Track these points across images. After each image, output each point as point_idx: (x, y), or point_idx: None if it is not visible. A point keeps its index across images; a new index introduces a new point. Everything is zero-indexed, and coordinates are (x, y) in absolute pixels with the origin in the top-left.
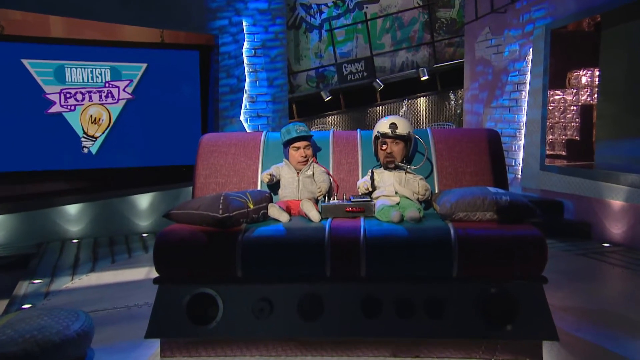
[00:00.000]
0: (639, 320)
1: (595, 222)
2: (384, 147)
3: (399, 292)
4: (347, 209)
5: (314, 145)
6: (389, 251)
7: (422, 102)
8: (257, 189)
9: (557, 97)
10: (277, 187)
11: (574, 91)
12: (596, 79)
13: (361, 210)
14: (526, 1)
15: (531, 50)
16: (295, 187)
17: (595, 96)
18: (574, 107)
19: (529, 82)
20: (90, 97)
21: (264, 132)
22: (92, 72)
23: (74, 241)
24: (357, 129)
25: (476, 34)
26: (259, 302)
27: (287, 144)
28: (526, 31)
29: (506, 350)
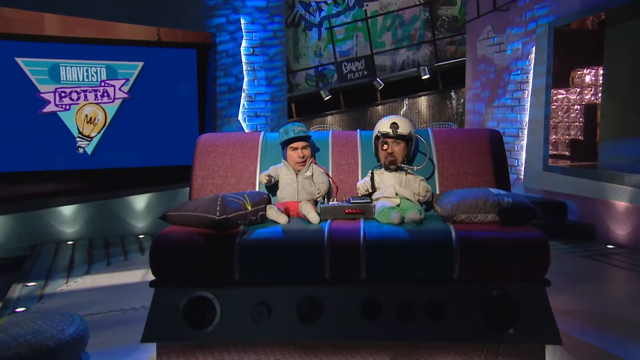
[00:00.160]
0: None
1: (599, 223)
2: (385, 147)
3: (399, 295)
4: (347, 211)
5: (312, 145)
6: (389, 253)
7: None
8: (255, 190)
9: (560, 96)
10: (276, 188)
11: (578, 90)
12: (600, 78)
13: (361, 211)
14: None
15: (534, 48)
16: (293, 188)
17: (599, 95)
18: (578, 107)
19: (531, 81)
20: (85, 96)
21: (262, 133)
22: (87, 70)
23: (69, 243)
24: (357, 129)
25: (478, 32)
26: (257, 306)
27: (285, 145)
28: (529, 29)
29: (508, 354)
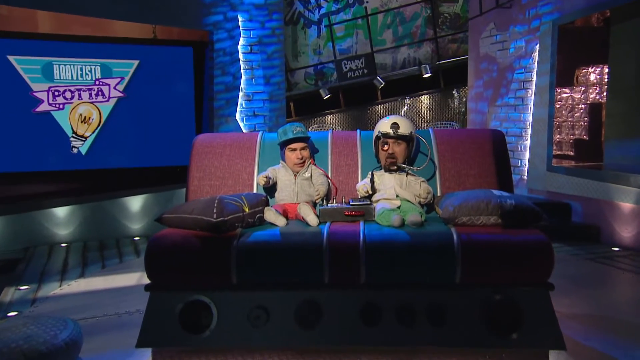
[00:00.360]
0: None
1: (604, 225)
2: (386, 147)
3: (399, 299)
4: (346, 213)
5: (311, 146)
6: (390, 256)
7: (425, 100)
8: (253, 192)
9: (564, 95)
10: (274, 190)
11: (582, 89)
12: (605, 77)
13: (361, 214)
14: None
15: (538, 46)
16: (292, 190)
17: (604, 94)
18: (582, 106)
19: (535, 79)
20: (79, 95)
21: (260, 133)
22: (81, 69)
23: (63, 245)
24: (357, 129)
25: (481, 30)
26: (255, 310)
27: (284, 145)
28: (532, 27)
29: (511, 359)
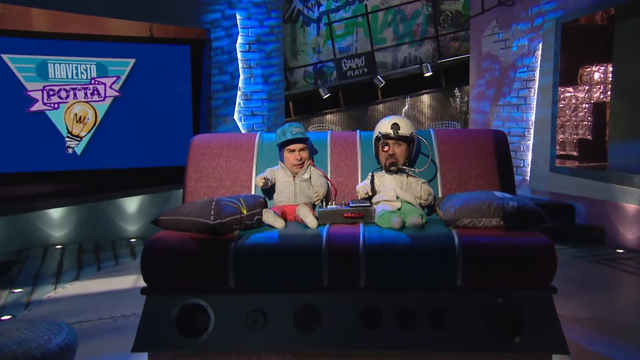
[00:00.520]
0: None
1: (608, 226)
2: (386, 148)
3: (400, 302)
4: (346, 215)
5: (310, 147)
6: (390, 259)
7: (426, 99)
8: (251, 194)
9: (568, 94)
10: (272, 191)
11: (586, 88)
12: (609, 75)
13: (360, 215)
14: None
15: (541, 45)
16: (291, 191)
17: (608, 93)
18: (586, 105)
19: (538, 78)
20: (74, 94)
21: (259, 133)
22: (76, 68)
23: (58, 247)
24: (357, 130)
25: (482, 28)
26: (253, 313)
27: (282, 146)
28: (535, 25)
29: None
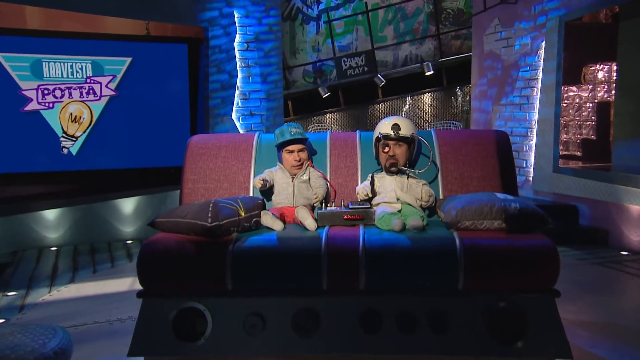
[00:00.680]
0: None
1: (612, 228)
2: (386, 149)
3: (400, 306)
4: (345, 217)
5: (309, 148)
6: (390, 262)
7: (427, 98)
8: (249, 195)
9: (571, 93)
10: (271, 193)
11: (590, 87)
12: (614, 74)
13: (360, 217)
14: None
15: (544, 43)
16: (289, 192)
17: (612, 92)
18: (590, 105)
19: (541, 77)
20: (70, 93)
21: (257, 134)
22: (72, 66)
23: (52, 249)
24: (357, 130)
25: (485, 26)
26: (251, 317)
27: (281, 147)
28: (538, 23)
29: None
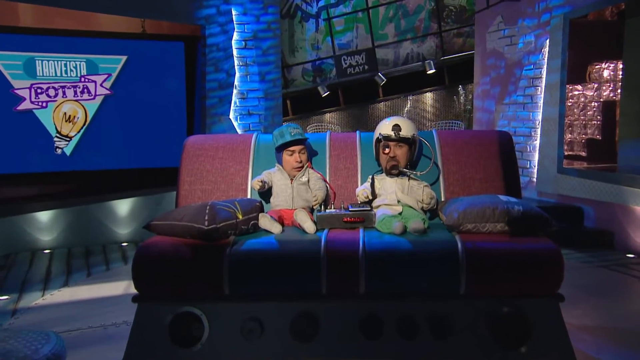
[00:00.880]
0: None
1: (618, 230)
2: (387, 150)
3: (401, 310)
4: (345, 219)
5: (309, 148)
6: (391, 266)
7: (429, 97)
8: (247, 198)
9: (576, 92)
10: (269, 195)
11: (595, 86)
12: (619, 73)
13: (360, 220)
14: None
15: (548, 41)
16: (288, 194)
17: (618, 91)
18: (595, 104)
19: (545, 76)
20: (64, 92)
21: (255, 134)
22: (65, 65)
23: (46, 252)
24: (357, 131)
25: (487, 24)
26: (249, 322)
27: (281, 148)
28: (542, 21)
29: None
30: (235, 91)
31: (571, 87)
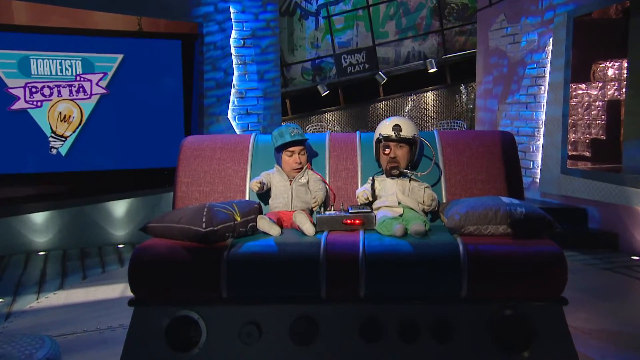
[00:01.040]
0: None
1: (623, 232)
2: (387, 151)
3: (402, 314)
4: (345, 221)
5: (308, 149)
6: (391, 269)
7: (430, 97)
8: (245, 199)
9: (580, 91)
10: (268, 196)
11: (599, 85)
12: (624, 72)
13: (360, 222)
14: None
15: (551, 40)
16: (287, 196)
17: (623, 90)
18: (599, 103)
19: (548, 75)
20: (59, 92)
21: (253, 135)
22: (61, 64)
23: (41, 254)
24: (357, 131)
25: (490, 22)
26: (247, 326)
27: (280, 149)
28: (546, 19)
29: None
30: (233, 90)
31: (575, 86)
